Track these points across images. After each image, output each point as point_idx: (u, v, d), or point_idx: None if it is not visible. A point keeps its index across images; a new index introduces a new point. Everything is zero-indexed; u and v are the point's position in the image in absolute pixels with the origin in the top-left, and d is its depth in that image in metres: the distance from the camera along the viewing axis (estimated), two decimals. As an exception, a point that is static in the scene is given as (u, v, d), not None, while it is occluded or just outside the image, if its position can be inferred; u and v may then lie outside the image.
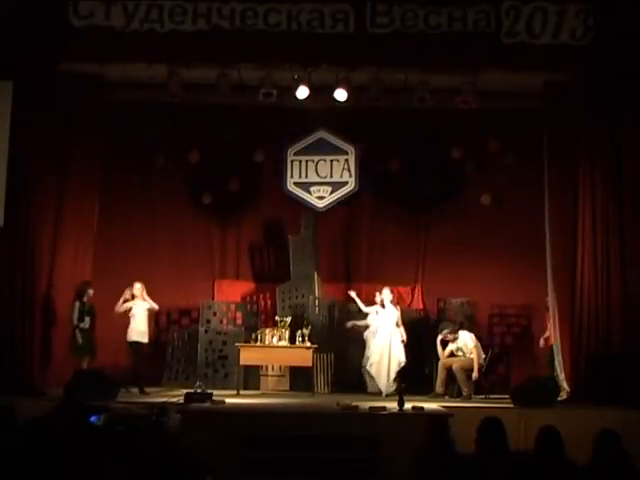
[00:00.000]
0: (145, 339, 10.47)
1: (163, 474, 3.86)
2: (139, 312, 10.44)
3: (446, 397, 10.19)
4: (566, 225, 10.00)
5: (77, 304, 10.17)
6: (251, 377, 11.20)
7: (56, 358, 9.94)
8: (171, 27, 9.64)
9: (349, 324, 11.20)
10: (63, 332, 10.09)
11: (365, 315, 11.00)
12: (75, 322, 10.12)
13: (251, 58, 9.81)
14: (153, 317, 11.21)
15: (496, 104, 10.66)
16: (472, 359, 10.33)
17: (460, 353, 10.50)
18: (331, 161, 11.57)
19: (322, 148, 11.59)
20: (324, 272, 11.85)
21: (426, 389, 10.52)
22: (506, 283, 11.35)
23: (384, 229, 12.24)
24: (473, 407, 9.08)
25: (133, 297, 10.51)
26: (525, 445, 5.86)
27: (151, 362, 11.15)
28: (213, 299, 11.94)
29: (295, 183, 11.58)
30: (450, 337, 10.53)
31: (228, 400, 9.16)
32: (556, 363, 10.03)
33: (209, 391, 9.10)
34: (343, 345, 11.43)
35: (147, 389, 10.17)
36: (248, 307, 11.84)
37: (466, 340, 10.49)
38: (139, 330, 10.37)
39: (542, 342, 10.80)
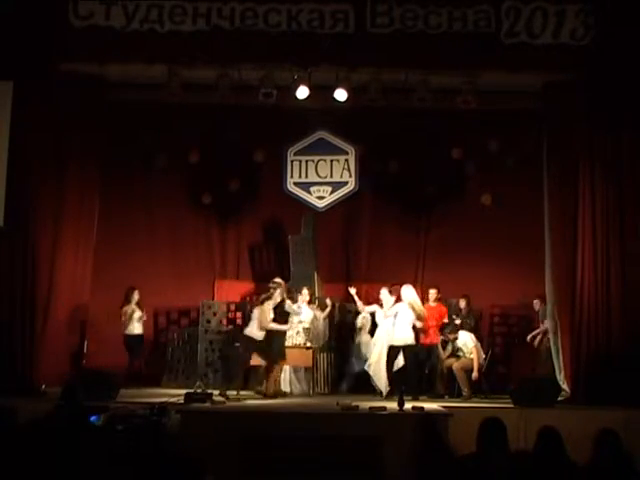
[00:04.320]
0: None
1: (163, 474, 3.86)
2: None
3: (446, 397, 10.20)
4: (566, 225, 9.98)
5: (270, 303, 10.16)
6: (251, 377, 11.19)
7: (56, 358, 9.92)
8: (171, 27, 9.63)
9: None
10: (63, 332, 10.09)
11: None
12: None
13: (251, 58, 9.81)
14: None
15: (496, 104, 10.65)
16: (472, 359, 10.33)
17: (460, 353, 10.49)
18: (331, 161, 11.54)
19: (322, 148, 11.56)
20: (324, 272, 11.83)
21: (426, 389, 10.53)
22: (506, 283, 11.33)
23: (384, 229, 12.23)
24: (473, 407, 9.08)
25: None
26: (525, 445, 5.86)
27: (151, 362, 11.16)
28: (213, 299, 11.94)
29: (295, 183, 11.56)
30: (450, 337, 10.53)
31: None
32: (556, 363, 10.03)
33: (209, 391, 9.10)
34: (343, 345, 11.43)
35: None
36: (248, 307, 11.83)
37: (466, 340, 10.48)
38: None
39: (536, 341, 10.94)
